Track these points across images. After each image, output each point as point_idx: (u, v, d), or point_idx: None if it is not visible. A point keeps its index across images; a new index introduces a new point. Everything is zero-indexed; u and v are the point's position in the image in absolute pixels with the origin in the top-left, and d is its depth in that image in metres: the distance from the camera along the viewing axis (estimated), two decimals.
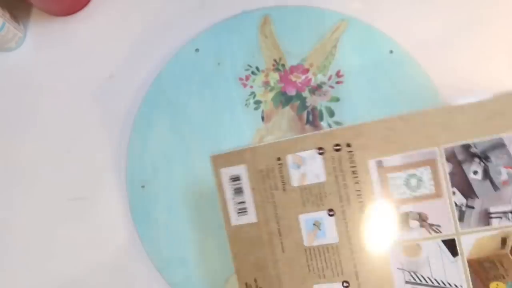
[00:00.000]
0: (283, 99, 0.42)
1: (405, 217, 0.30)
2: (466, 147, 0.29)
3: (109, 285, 0.42)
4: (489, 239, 0.29)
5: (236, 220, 0.34)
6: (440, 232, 0.30)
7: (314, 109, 0.42)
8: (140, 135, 0.43)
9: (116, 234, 0.42)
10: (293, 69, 0.43)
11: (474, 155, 0.29)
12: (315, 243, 0.32)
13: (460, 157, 0.29)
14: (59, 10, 0.46)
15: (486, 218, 0.29)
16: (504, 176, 0.29)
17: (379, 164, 0.31)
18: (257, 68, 0.43)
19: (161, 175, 0.42)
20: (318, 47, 0.43)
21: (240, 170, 0.34)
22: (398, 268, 0.31)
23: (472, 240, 0.29)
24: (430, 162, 0.30)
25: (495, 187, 0.29)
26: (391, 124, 0.31)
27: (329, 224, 0.32)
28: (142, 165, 0.42)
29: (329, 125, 0.41)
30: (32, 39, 0.46)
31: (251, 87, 0.43)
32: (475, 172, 0.29)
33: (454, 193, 0.29)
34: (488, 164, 0.29)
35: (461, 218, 0.29)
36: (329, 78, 0.42)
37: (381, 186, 0.31)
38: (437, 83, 0.41)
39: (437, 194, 0.30)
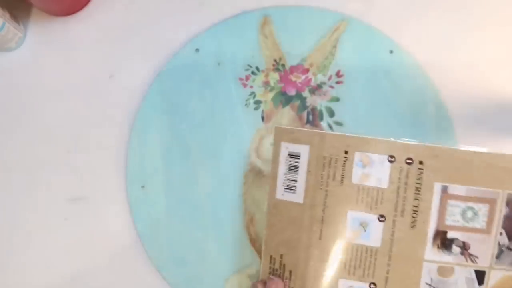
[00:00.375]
0: (283, 99, 0.42)
1: (450, 242, 0.33)
2: None
3: (109, 285, 0.42)
4: None
5: (281, 195, 0.35)
6: (476, 262, 0.33)
7: (314, 109, 0.42)
8: (140, 135, 0.43)
9: (116, 234, 0.42)
10: (293, 69, 0.43)
11: None
12: (356, 241, 0.33)
13: None
14: (59, 10, 0.46)
15: None
16: None
17: (444, 189, 0.33)
18: (257, 68, 0.43)
19: (161, 175, 0.42)
20: (318, 47, 0.43)
21: (302, 149, 0.34)
22: (426, 283, 0.33)
23: (499, 276, 0.32)
24: (491, 201, 0.32)
25: None
26: (468, 157, 0.33)
27: (376, 228, 0.33)
28: (142, 165, 0.42)
29: (329, 125, 0.41)
30: (32, 39, 0.46)
31: (251, 87, 0.43)
32: None
33: (501, 233, 0.32)
34: None
35: (498, 255, 0.32)
36: (329, 78, 0.42)
37: (439, 209, 0.33)
38: (437, 83, 0.41)
39: (487, 231, 0.32)
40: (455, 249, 0.33)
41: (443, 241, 0.33)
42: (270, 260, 0.35)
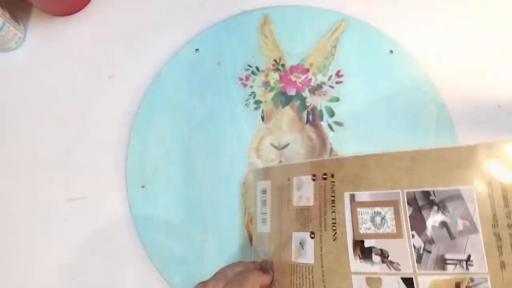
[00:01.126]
0: (283, 99, 0.42)
1: (369, 251, 0.32)
2: (426, 194, 0.30)
3: (109, 285, 0.42)
4: (444, 282, 0.30)
5: (259, 228, 0.37)
6: (400, 270, 0.31)
7: (314, 109, 0.42)
8: (140, 135, 0.43)
9: (116, 234, 0.42)
10: (293, 69, 0.43)
11: (433, 203, 0.30)
12: (298, 260, 0.34)
13: (420, 202, 0.30)
14: (59, 10, 0.46)
15: (442, 263, 0.30)
16: (460, 227, 0.30)
17: (352, 198, 0.32)
18: (257, 68, 0.43)
19: (161, 175, 0.42)
20: (318, 47, 0.43)
21: (268, 185, 0.37)
22: None
23: (429, 281, 0.30)
24: (393, 204, 0.31)
25: (451, 236, 0.30)
26: (364, 162, 0.32)
27: (310, 245, 0.34)
28: (142, 165, 0.42)
29: (329, 125, 0.41)
30: (32, 39, 0.46)
31: (251, 87, 0.43)
32: (434, 220, 0.30)
33: (413, 236, 0.31)
34: (446, 213, 0.30)
35: (418, 260, 0.30)
36: (329, 78, 0.42)
37: (352, 219, 0.32)
38: (437, 83, 0.41)
39: (398, 235, 0.31)
40: (375, 257, 0.31)
41: (363, 251, 0.32)
42: None
